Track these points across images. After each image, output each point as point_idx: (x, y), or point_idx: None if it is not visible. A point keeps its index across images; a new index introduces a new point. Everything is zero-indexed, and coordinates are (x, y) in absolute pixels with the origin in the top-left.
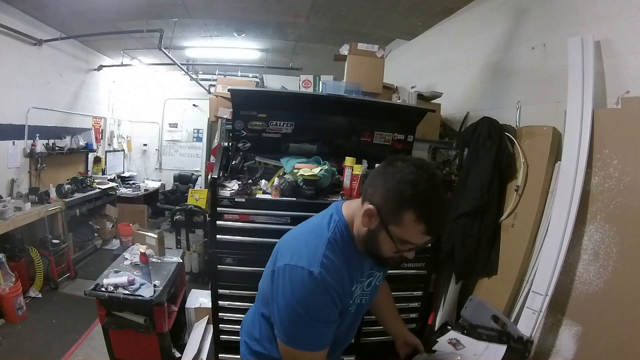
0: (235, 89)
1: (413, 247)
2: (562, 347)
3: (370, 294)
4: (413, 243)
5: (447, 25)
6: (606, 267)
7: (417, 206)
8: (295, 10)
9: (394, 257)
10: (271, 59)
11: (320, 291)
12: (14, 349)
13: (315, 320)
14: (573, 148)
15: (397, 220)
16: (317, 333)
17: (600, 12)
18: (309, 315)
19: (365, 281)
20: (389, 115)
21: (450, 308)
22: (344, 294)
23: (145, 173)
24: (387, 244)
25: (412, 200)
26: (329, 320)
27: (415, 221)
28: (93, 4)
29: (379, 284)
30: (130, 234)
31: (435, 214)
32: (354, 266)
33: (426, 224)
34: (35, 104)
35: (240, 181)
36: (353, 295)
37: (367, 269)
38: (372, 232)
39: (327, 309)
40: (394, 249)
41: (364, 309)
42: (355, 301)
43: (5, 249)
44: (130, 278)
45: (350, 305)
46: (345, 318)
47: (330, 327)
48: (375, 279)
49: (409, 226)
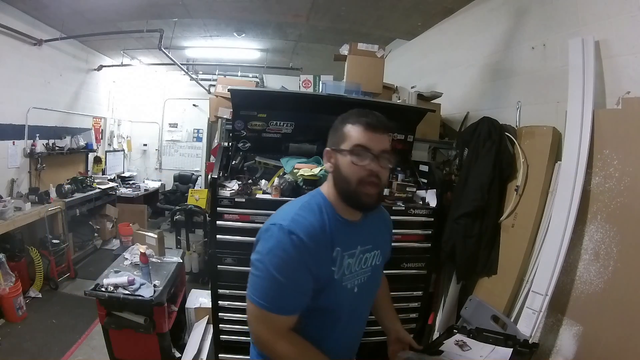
0: (235, 89)
1: (368, 153)
2: (562, 347)
3: (372, 275)
4: (363, 145)
5: (447, 25)
6: (606, 267)
7: (350, 116)
8: (295, 10)
9: (363, 178)
10: (271, 59)
11: (287, 244)
12: (14, 349)
13: (279, 275)
14: (573, 148)
15: (342, 137)
16: (278, 292)
17: (600, 12)
18: (274, 268)
19: (360, 256)
20: (389, 115)
21: (450, 308)
22: (318, 254)
23: (145, 173)
24: (346, 164)
25: (345, 116)
26: (294, 280)
27: (353, 125)
28: (93, 4)
29: (379, 263)
30: (130, 234)
31: (366, 114)
32: (336, 231)
33: (363, 122)
34: (35, 104)
35: (240, 181)
36: (341, 264)
37: (358, 241)
38: (335, 168)
39: (293, 266)
40: (354, 165)
41: (367, 291)
42: (354, 275)
43: (5, 249)
44: (130, 278)
45: (343, 277)
46: (342, 294)
47: (296, 292)
48: (373, 257)
49: (351, 132)
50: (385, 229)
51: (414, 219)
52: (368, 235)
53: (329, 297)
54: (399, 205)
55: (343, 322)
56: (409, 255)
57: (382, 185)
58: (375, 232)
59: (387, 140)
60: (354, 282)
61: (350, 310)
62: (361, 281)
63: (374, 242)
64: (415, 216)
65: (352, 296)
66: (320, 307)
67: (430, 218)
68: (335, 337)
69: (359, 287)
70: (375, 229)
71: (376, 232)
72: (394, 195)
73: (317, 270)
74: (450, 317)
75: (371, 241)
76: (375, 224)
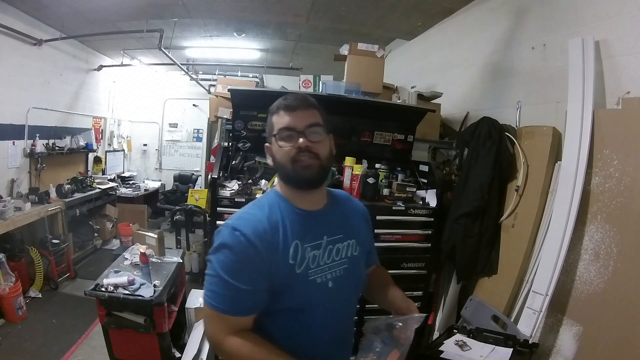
0: (235, 89)
1: (292, 132)
2: (562, 347)
3: (352, 267)
4: (286, 127)
5: (447, 25)
6: (607, 267)
7: (272, 106)
8: (295, 10)
9: (294, 157)
10: (271, 59)
11: (233, 242)
12: (14, 349)
13: (225, 275)
14: (573, 148)
15: (270, 127)
16: (227, 291)
17: (600, 12)
18: (221, 267)
19: (330, 247)
20: (389, 115)
21: (450, 308)
22: (267, 251)
23: (145, 173)
24: (277, 150)
25: (270, 108)
26: (242, 279)
27: (275, 112)
28: (93, 4)
29: (358, 254)
30: (130, 234)
31: (285, 97)
32: (294, 223)
33: (282, 106)
34: (35, 104)
35: (240, 181)
36: (303, 257)
37: (323, 231)
38: (273, 160)
39: (240, 265)
40: (283, 148)
41: (347, 285)
42: (324, 269)
43: (5, 249)
44: (130, 278)
45: (308, 272)
46: (310, 290)
47: (246, 292)
48: (348, 247)
49: (274, 119)
50: (360, 219)
51: (414, 219)
52: (336, 224)
53: (296, 294)
54: (399, 205)
55: (320, 321)
56: (409, 255)
57: (323, 158)
58: (346, 220)
59: (311, 115)
60: (326, 277)
61: (328, 308)
62: (336, 274)
63: (345, 231)
64: (415, 216)
65: (326, 292)
66: (289, 307)
67: (430, 218)
68: (315, 337)
69: (335, 282)
70: (344, 217)
71: (347, 221)
72: (394, 195)
73: (268, 267)
74: (450, 317)
75: (341, 230)
76: (344, 212)
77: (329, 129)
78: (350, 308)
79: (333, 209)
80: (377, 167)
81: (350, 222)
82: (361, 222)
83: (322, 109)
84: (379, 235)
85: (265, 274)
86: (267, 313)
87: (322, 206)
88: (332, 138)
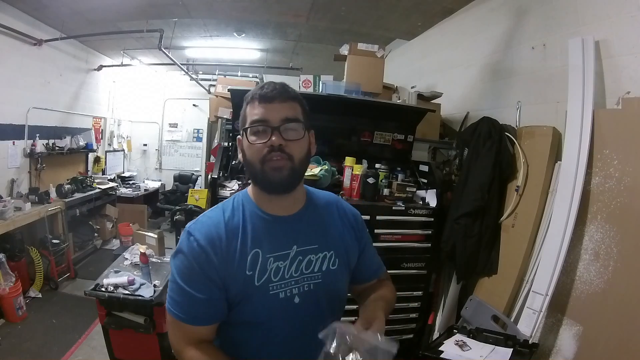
0: (235, 89)
1: (265, 127)
2: (562, 347)
3: (325, 282)
4: (258, 119)
5: (447, 25)
6: (607, 267)
7: (248, 94)
8: (295, 10)
9: (265, 157)
10: (271, 59)
11: (186, 247)
12: (14, 349)
13: (180, 281)
14: (573, 148)
15: (243, 118)
16: (183, 298)
17: (600, 12)
18: (176, 273)
19: (299, 258)
20: (389, 115)
21: (450, 308)
22: (219, 258)
23: (145, 173)
24: (247, 146)
25: (245, 98)
26: (195, 286)
27: (250, 101)
28: (93, 4)
29: (335, 268)
30: (130, 234)
31: (261, 86)
32: (257, 229)
33: (257, 95)
34: (35, 104)
35: (240, 181)
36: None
37: (293, 240)
38: (242, 155)
39: (192, 271)
40: (253, 145)
41: (317, 302)
42: (289, 282)
43: (5, 249)
44: (130, 278)
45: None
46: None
47: (200, 301)
48: (322, 260)
49: (247, 109)
50: (346, 228)
51: (414, 219)
52: (312, 233)
53: (254, 307)
54: (399, 205)
55: (282, 338)
56: (409, 255)
57: (297, 160)
58: (326, 228)
59: (289, 109)
60: (291, 291)
61: (292, 325)
62: (305, 289)
63: (321, 241)
64: (415, 216)
65: (290, 307)
66: (246, 320)
67: (430, 218)
68: (276, 354)
69: (303, 297)
70: (323, 225)
71: (327, 229)
72: (394, 195)
73: (222, 276)
74: (450, 317)
75: (316, 240)
76: (325, 219)
77: (309, 124)
78: (322, 326)
79: (309, 215)
80: (377, 167)
81: (330, 232)
82: (347, 231)
83: (304, 102)
84: (379, 235)
85: (218, 283)
86: (226, 324)
87: (295, 211)
88: (312, 135)
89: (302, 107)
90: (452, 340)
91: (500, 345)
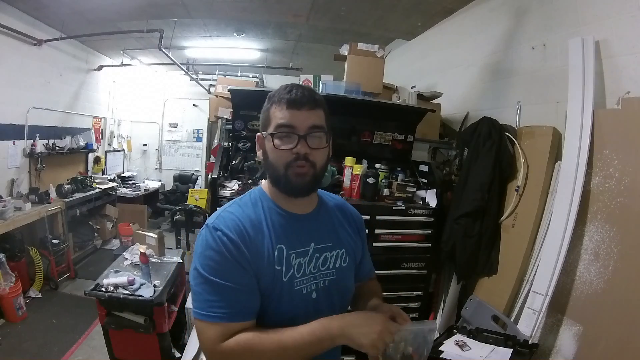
0: (235, 89)
1: (292, 134)
2: (562, 347)
3: (338, 278)
4: (286, 124)
5: (447, 25)
6: (607, 267)
7: (274, 94)
8: (295, 10)
9: (289, 163)
10: (271, 59)
11: (214, 242)
12: (14, 349)
13: (215, 278)
14: (573, 148)
15: (268, 119)
16: (222, 296)
17: (600, 12)
18: (208, 272)
19: (316, 255)
20: (389, 115)
21: (450, 308)
22: (250, 249)
23: (145, 173)
24: (271, 150)
25: (270, 95)
26: (232, 279)
27: (277, 104)
28: (93, 4)
29: (346, 265)
30: (130, 234)
31: (290, 89)
32: (278, 226)
33: (285, 99)
34: (35, 104)
35: (240, 181)
36: (289, 264)
37: (311, 238)
38: (264, 155)
39: (226, 264)
40: (278, 150)
41: (330, 298)
42: (309, 278)
43: (5, 249)
44: (130, 278)
45: (294, 280)
46: (296, 300)
47: (241, 292)
48: (336, 258)
49: (275, 112)
50: (352, 229)
51: (414, 219)
52: (325, 231)
53: (278, 302)
54: (399, 205)
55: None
56: (409, 255)
57: (319, 167)
58: (336, 228)
59: (316, 117)
60: (310, 287)
61: (311, 319)
62: (321, 285)
63: (334, 239)
64: (415, 216)
65: (309, 303)
66: (270, 314)
67: (430, 218)
68: None
69: (319, 293)
70: (335, 224)
71: (337, 229)
72: (394, 195)
73: (255, 266)
74: (450, 317)
75: (331, 238)
76: (335, 219)
77: (330, 131)
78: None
79: (322, 215)
80: (377, 167)
81: (340, 231)
82: (353, 232)
83: (327, 108)
84: (379, 235)
85: (251, 273)
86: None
87: (310, 210)
88: (331, 140)
89: (326, 114)
90: (452, 340)
91: (500, 346)
